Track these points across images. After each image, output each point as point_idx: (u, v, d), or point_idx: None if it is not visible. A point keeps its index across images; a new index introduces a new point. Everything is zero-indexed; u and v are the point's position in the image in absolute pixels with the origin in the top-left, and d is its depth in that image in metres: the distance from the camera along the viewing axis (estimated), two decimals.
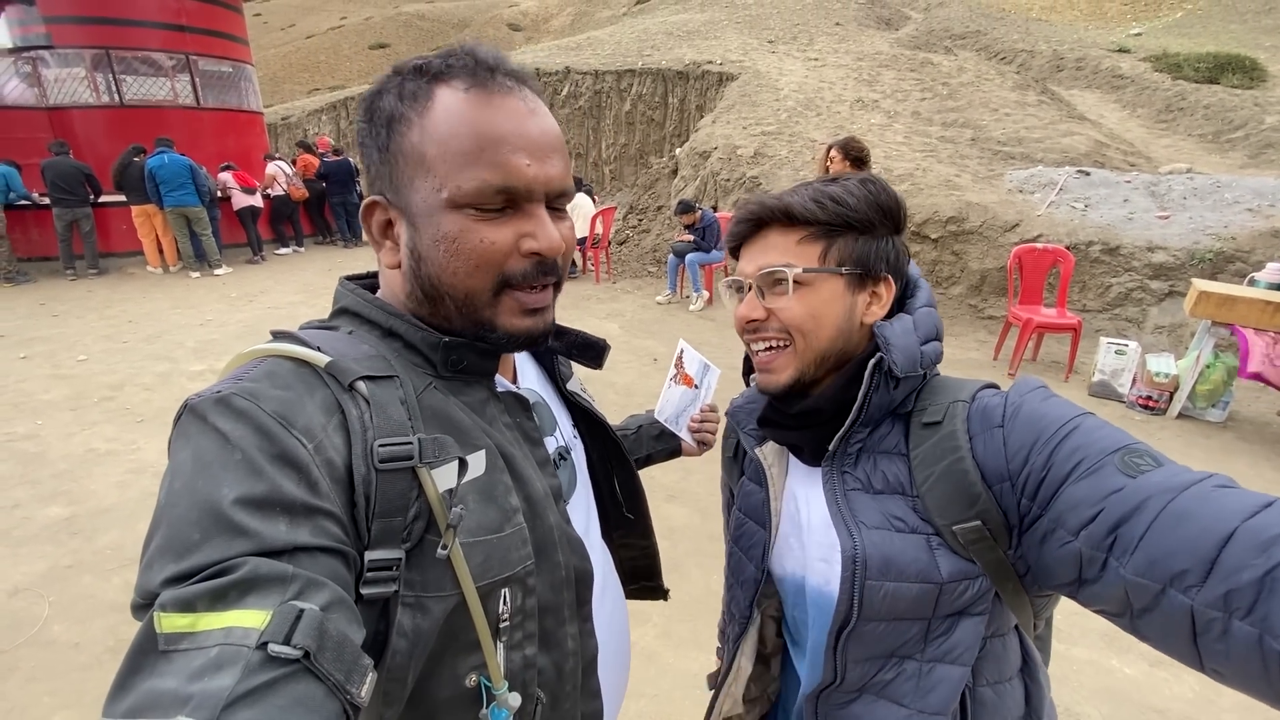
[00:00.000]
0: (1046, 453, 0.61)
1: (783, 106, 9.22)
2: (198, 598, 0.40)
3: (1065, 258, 4.92)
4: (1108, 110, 10.62)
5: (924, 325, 0.74)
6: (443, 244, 0.58)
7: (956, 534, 0.65)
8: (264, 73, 22.16)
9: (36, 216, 8.04)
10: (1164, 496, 0.52)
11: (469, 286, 0.59)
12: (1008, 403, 0.67)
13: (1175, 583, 0.49)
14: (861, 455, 0.74)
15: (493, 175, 0.56)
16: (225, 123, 10.12)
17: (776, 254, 0.74)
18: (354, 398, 0.52)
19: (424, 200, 0.58)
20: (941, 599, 0.67)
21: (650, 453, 1.14)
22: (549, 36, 28.25)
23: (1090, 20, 18.39)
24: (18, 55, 8.71)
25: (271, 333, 0.58)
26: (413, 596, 0.52)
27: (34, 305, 6.75)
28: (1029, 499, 0.62)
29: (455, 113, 0.56)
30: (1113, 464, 0.56)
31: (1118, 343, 4.48)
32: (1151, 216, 5.82)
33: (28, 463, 3.46)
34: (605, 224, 7.93)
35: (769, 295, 0.74)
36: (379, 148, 0.59)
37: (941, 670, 0.69)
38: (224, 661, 0.38)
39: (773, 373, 0.76)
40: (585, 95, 12.82)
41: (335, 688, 0.41)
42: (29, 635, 2.26)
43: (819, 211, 0.72)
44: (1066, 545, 0.57)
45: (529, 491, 0.62)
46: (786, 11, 15.38)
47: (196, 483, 0.45)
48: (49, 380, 4.63)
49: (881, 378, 0.71)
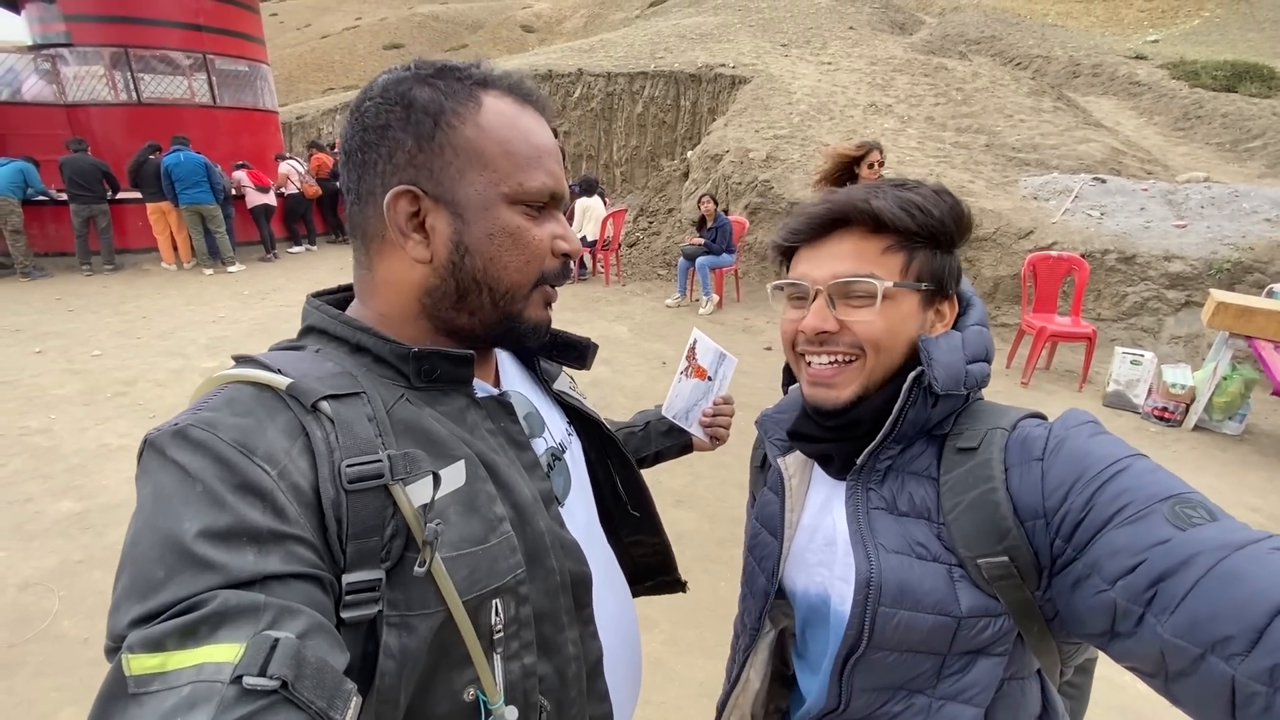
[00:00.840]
0: (1089, 493, 0.57)
1: (795, 110, 9.19)
2: (166, 636, 0.39)
3: (1080, 266, 4.87)
4: (1124, 117, 10.53)
5: (973, 344, 0.71)
6: (498, 237, 0.60)
7: (981, 568, 0.62)
8: (279, 72, 22.35)
9: (54, 212, 8.13)
10: (1215, 554, 0.48)
11: (515, 280, 0.62)
12: (1051, 435, 0.64)
13: (1217, 649, 0.46)
14: (890, 474, 0.71)
15: (548, 179, 0.62)
16: (241, 121, 10.21)
17: (858, 262, 0.68)
18: (318, 419, 0.51)
19: (479, 193, 0.59)
20: (959, 634, 0.63)
21: (660, 449, 1.11)
22: (562, 38, 28.34)
23: (1107, 26, 18.24)
24: (38, 53, 8.83)
25: (233, 358, 0.57)
26: (397, 616, 0.50)
27: (50, 300, 6.82)
28: (1064, 540, 0.58)
29: (510, 120, 0.60)
30: (1161, 513, 0.52)
31: (1133, 353, 4.42)
32: (1168, 225, 5.75)
33: (40, 457, 3.49)
34: (616, 226, 7.93)
35: (842, 306, 0.69)
36: (419, 136, 0.58)
37: (952, 709, 0.66)
38: (197, 699, 0.37)
39: (833, 388, 0.71)
40: (597, 97, 12.83)
41: (318, 715, 0.40)
42: (38, 630, 2.27)
43: (909, 221, 0.67)
44: (1101, 594, 0.54)
45: (516, 498, 0.60)
46: (800, 15, 15.35)
47: (158, 519, 0.44)
48: (63, 375, 4.68)
49: (920, 393, 0.67)
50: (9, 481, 3.24)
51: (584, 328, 6.09)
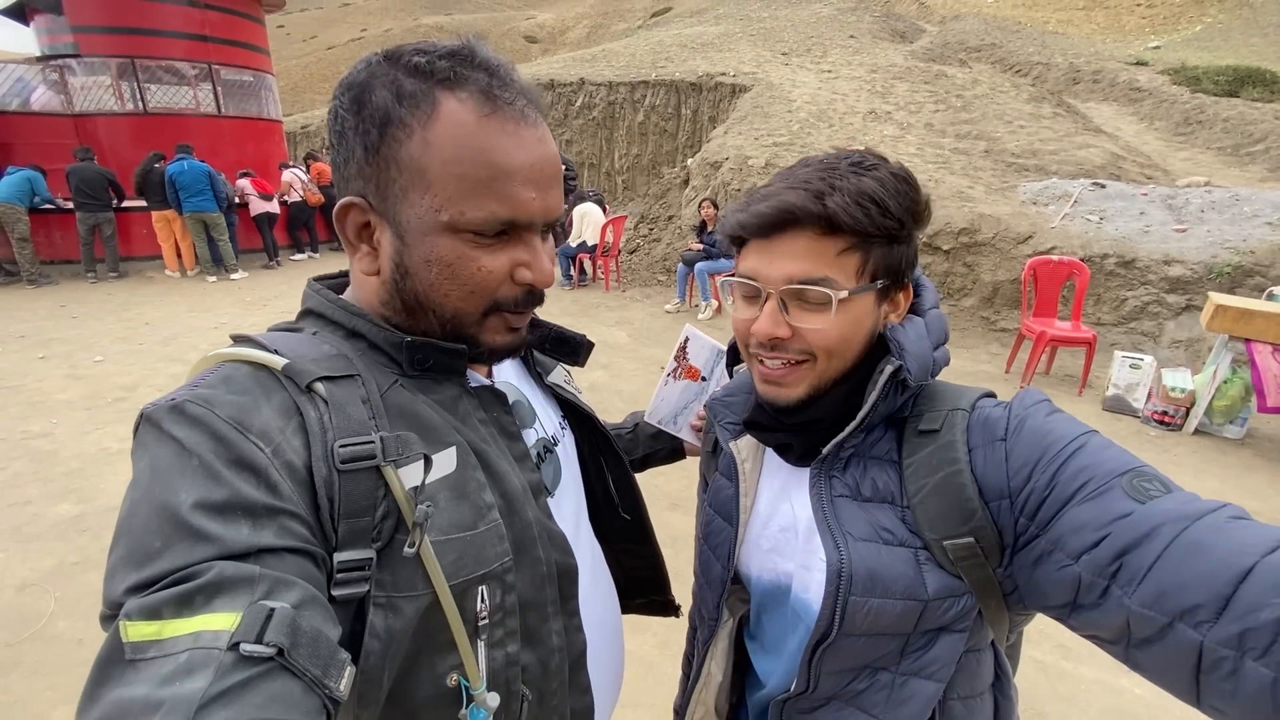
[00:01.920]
0: (1050, 471, 0.58)
1: (795, 118, 9.23)
2: (163, 604, 0.39)
3: (1080, 270, 4.87)
4: (1125, 123, 10.53)
5: (935, 329, 0.71)
6: (435, 266, 0.57)
7: (947, 550, 0.62)
8: (286, 82, 22.57)
9: (60, 220, 8.21)
10: (1176, 525, 0.49)
11: (458, 309, 0.59)
12: (1011, 415, 0.64)
13: (1185, 617, 0.47)
14: (852, 460, 0.70)
15: (500, 208, 0.55)
16: (245, 130, 10.32)
17: (812, 264, 0.63)
18: (312, 399, 0.52)
19: (419, 217, 0.55)
20: (924, 615, 0.64)
21: (648, 453, 1.08)
22: (565, 48, 28.55)
23: (1108, 33, 18.29)
24: (46, 63, 8.95)
25: (231, 337, 0.57)
26: (384, 597, 0.51)
27: (55, 307, 6.88)
28: (1028, 518, 0.59)
29: (466, 134, 0.54)
30: (1120, 487, 0.54)
31: (1133, 357, 4.41)
32: (1168, 229, 5.74)
33: (40, 461, 3.51)
34: (615, 233, 7.96)
35: (795, 311, 0.65)
36: (366, 146, 0.55)
37: (915, 684, 0.67)
38: (195, 665, 0.37)
39: (784, 387, 0.69)
40: (599, 106, 12.91)
41: (313, 683, 0.41)
42: (34, 630, 2.28)
43: (866, 222, 0.62)
44: (1065, 569, 0.55)
45: (505, 488, 0.60)
46: (800, 24, 15.44)
47: (155, 491, 0.44)
48: (65, 380, 4.71)
49: (893, 386, 0.66)
50: (9, 484, 3.26)
51: (584, 333, 6.09)
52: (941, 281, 6.28)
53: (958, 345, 5.72)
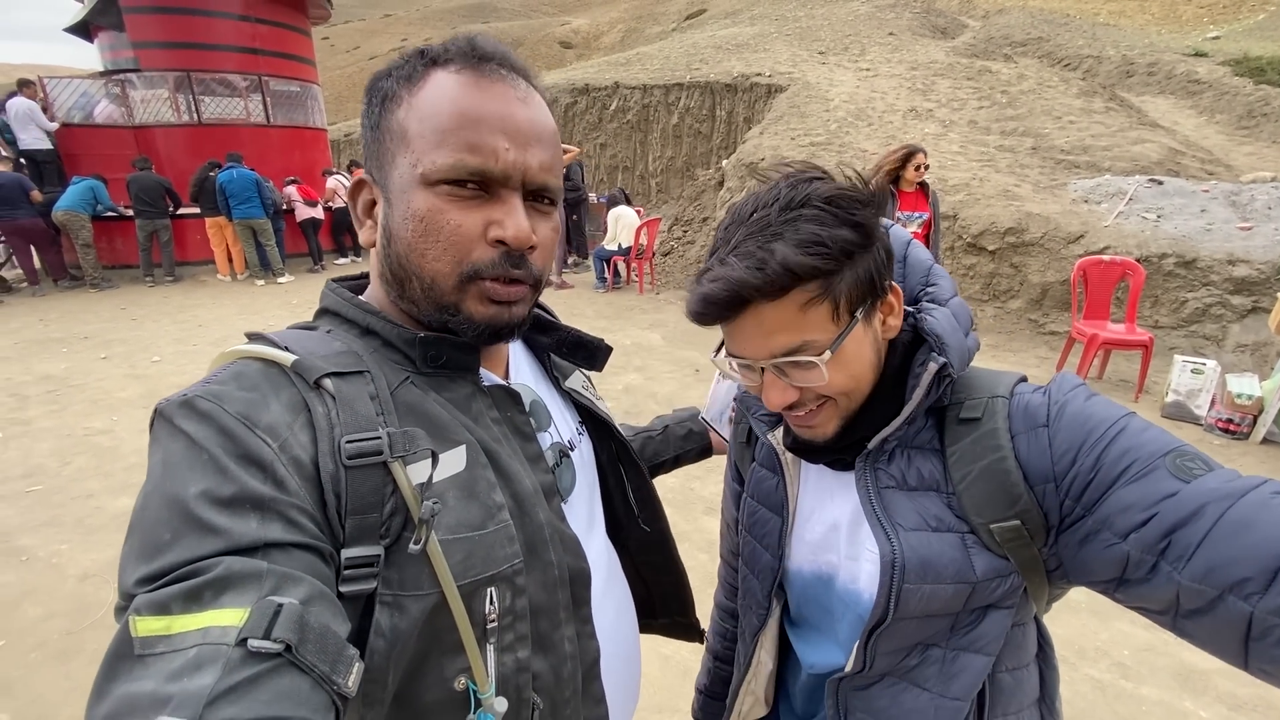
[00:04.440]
0: (1095, 455, 0.59)
1: (832, 117, 9.09)
2: (172, 599, 0.40)
3: (1135, 270, 4.66)
4: (1182, 117, 10.07)
5: (962, 317, 0.71)
6: (411, 221, 0.57)
7: (994, 532, 0.64)
8: (330, 92, 23.22)
9: (120, 227, 8.62)
10: (1221, 503, 0.52)
11: (434, 269, 0.58)
12: (1051, 401, 0.65)
13: (1235, 590, 0.49)
14: (896, 451, 0.70)
15: (469, 155, 0.55)
16: (292, 139, 10.68)
17: (784, 335, 0.62)
18: (320, 395, 0.52)
19: (400, 176, 0.57)
20: (974, 595, 0.66)
21: (679, 453, 1.08)
22: (600, 53, 28.75)
23: (1163, 24, 17.54)
24: (109, 78, 9.41)
25: (246, 334, 0.58)
26: (390, 595, 0.50)
27: (116, 310, 7.21)
28: (1073, 500, 0.60)
29: (442, 91, 0.56)
30: (1164, 467, 0.56)
31: (1194, 361, 4.19)
32: (1232, 228, 5.45)
33: (102, 456, 3.67)
34: (650, 235, 7.96)
35: (793, 372, 0.64)
36: (371, 125, 0.59)
37: (966, 659, 0.68)
38: (203, 661, 0.37)
39: (814, 428, 0.70)
40: (633, 109, 12.95)
41: (321, 679, 0.41)
42: (94, 619, 2.38)
43: (818, 265, 0.59)
44: (1112, 547, 0.57)
45: (516, 488, 0.60)
46: (838, 23, 15.22)
47: (165, 485, 0.45)
48: (125, 379, 4.93)
49: (935, 381, 0.66)
50: (73, 478, 3.42)
51: (617, 335, 6.11)
52: (987, 283, 6.10)
53: (1004, 349, 5.53)
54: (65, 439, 3.90)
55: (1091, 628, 2.35)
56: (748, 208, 0.64)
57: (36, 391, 4.66)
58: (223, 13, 9.63)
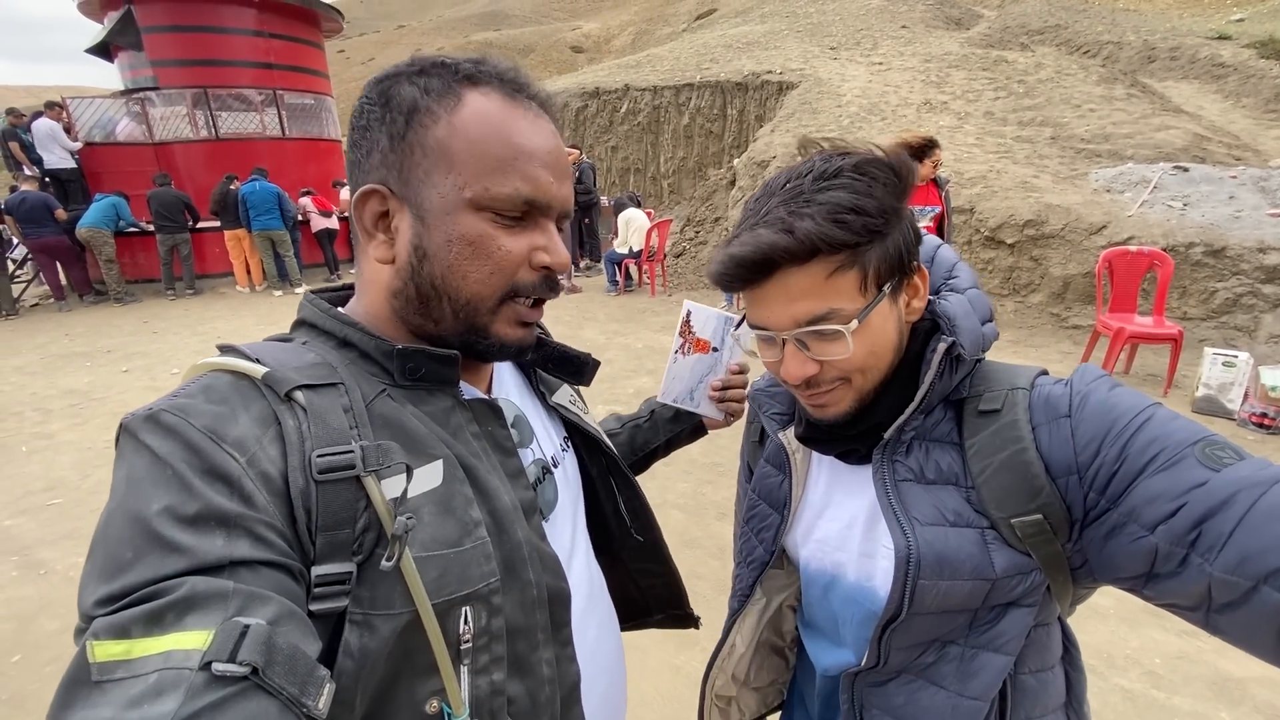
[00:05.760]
0: (1120, 445, 0.57)
1: (845, 113, 8.98)
2: (132, 623, 0.38)
3: (1164, 261, 4.51)
4: (1207, 101, 9.77)
5: (979, 305, 0.70)
6: (456, 245, 0.57)
7: (1015, 527, 0.62)
8: (345, 104, 23.55)
9: (142, 242, 8.82)
10: (1253, 491, 0.49)
11: (476, 291, 0.58)
12: (1073, 392, 0.63)
13: (1270, 580, 0.47)
14: (914, 444, 0.69)
15: (524, 185, 0.57)
16: (307, 151, 10.85)
17: (810, 301, 0.61)
18: (292, 408, 0.50)
19: (441, 196, 0.56)
20: (993, 592, 0.64)
21: (670, 436, 1.05)
22: (610, 56, 28.83)
23: (1185, 8, 17.10)
24: (129, 97, 9.63)
25: (218, 346, 0.57)
26: (360, 614, 0.49)
27: (138, 324, 7.36)
28: (1098, 493, 0.58)
29: (491, 118, 0.57)
30: (1193, 456, 0.54)
31: (1225, 354, 4.04)
32: (1262, 214, 5.27)
33: None
34: (661, 236, 7.92)
35: (815, 344, 0.64)
36: (391, 135, 0.57)
37: (985, 657, 0.67)
38: (164, 687, 0.36)
39: (829, 408, 0.68)
40: (644, 111, 12.93)
41: (290, 701, 0.39)
42: None
43: (847, 235, 0.59)
44: (1140, 540, 0.55)
45: (494, 505, 0.58)
46: (849, 17, 15.06)
47: (128, 502, 0.44)
48: (145, 392, 5.01)
49: (948, 363, 0.66)
50: (91, 492, 3.47)
51: (628, 338, 6.08)
52: (1007, 277, 5.96)
53: (1025, 344, 5.40)
54: (86, 452, 3.96)
55: (1121, 635, 2.25)
56: (781, 179, 0.65)
57: (60, 405, 4.76)
58: (238, 29, 9.83)
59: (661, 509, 2.79)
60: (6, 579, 2.73)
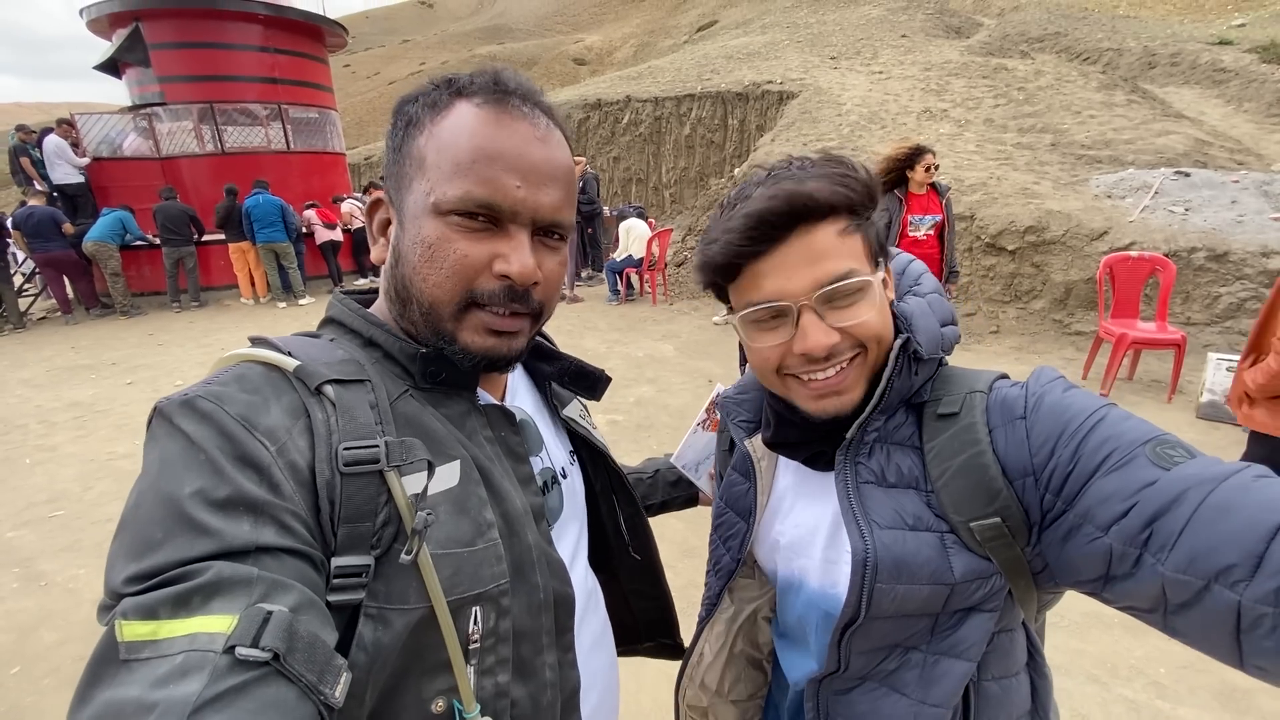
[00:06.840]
0: (1073, 445, 0.58)
1: (845, 121, 9.02)
2: (160, 604, 0.39)
3: (1165, 266, 4.49)
4: (1209, 107, 9.76)
5: (939, 308, 0.72)
6: (419, 247, 0.58)
7: (974, 531, 0.62)
8: (351, 118, 23.86)
9: (148, 255, 8.88)
10: (1202, 488, 0.49)
11: (435, 295, 0.59)
12: (1029, 393, 0.64)
13: (1220, 578, 0.47)
14: (876, 446, 0.69)
15: (478, 188, 0.56)
16: (311, 164, 10.92)
17: (832, 261, 0.62)
18: (321, 401, 0.52)
19: (415, 201, 0.58)
20: (952, 598, 0.64)
21: (666, 499, 1.09)
22: (612, 68, 29.04)
23: (1186, 14, 17.13)
24: (136, 112, 9.74)
25: (249, 339, 0.58)
26: (375, 608, 0.50)
27: (143, 336, 7.40)
28: (1053, 494, 0.59)
29: (461, 124, 0.58)
30: (1144, 455, 0.54)
31: (1229, 359, 4.01)
32: (1265, 219, 5.25)
33: (123, 480, 3.73)
34: (661, 246, 7.95)
35: (831, 314, 0.63)
36: (394, 147, 0.61)
37: (946, 664, 0.66)
38: (190, 668, 0.37)
39: (842, 394, 0.66)
40: (645, 122, 13.01)
41: (308, 689, 0.40)
42: None
43: (849, 193, 0.62)
44: (1095, 541, 0.54)
45: (506, 508, 0.59)
46: (849, 27, 15.16)
47: (160, 483, 0.45)
48: (148, 404, 4.93)
49: (905, 360, 0.66)
50: (95, 503, 3.48)
51: (629, 347, 6.08)
52: (1008, 284, 5.94)
53: (1028, 351, 5.38)
54: (89, 464, 3.98)
55: (1125, 644, 2.22)
56: (758, 175, 0.67)
57: (64, 418, 4.78)
58: (244, 45, 9.93)
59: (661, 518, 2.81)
60: (7, 591, 2.74)
